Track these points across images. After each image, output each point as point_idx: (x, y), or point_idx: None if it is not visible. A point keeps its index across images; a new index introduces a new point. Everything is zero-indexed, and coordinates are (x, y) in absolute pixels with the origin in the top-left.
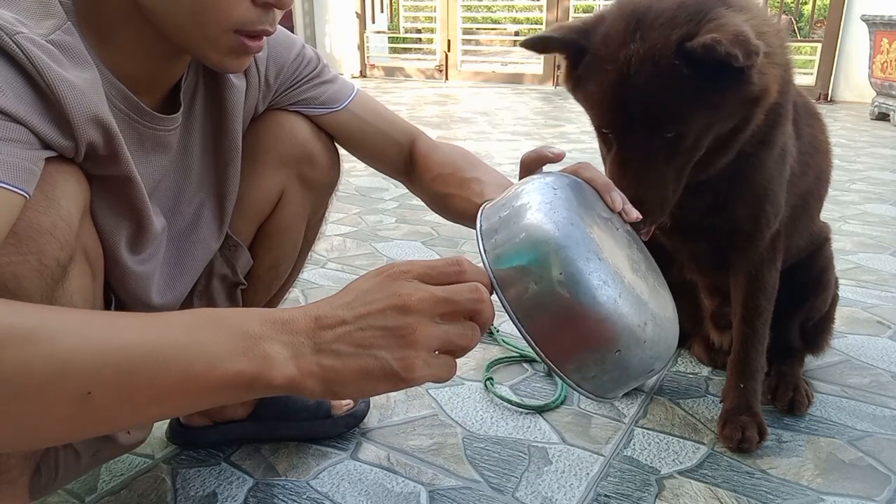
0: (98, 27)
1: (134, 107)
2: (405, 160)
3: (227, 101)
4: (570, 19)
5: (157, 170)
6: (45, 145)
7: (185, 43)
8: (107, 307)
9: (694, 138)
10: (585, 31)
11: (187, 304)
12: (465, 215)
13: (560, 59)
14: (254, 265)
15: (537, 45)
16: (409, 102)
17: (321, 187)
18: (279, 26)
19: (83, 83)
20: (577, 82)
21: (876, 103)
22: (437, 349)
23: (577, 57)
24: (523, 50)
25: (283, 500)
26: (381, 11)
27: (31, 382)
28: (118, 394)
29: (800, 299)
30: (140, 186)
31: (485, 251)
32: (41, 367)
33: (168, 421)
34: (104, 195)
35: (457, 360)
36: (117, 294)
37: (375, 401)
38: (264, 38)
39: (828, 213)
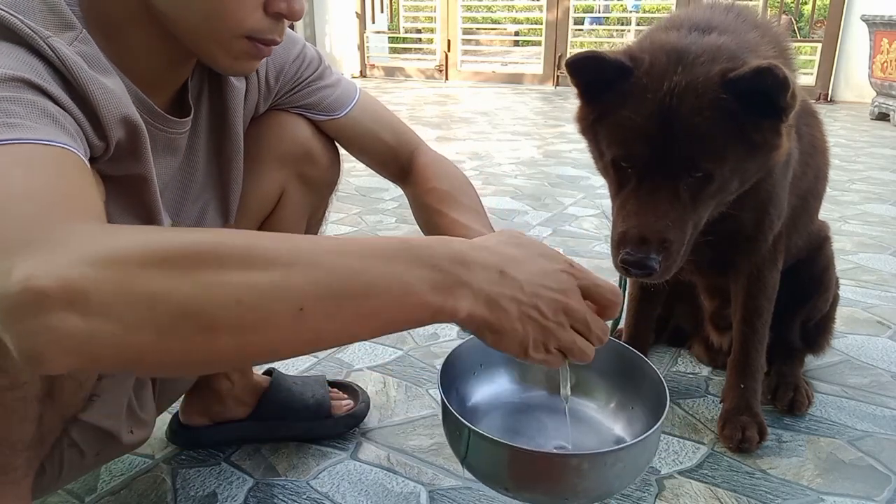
0: (106, 31)
1: (148, 109)
2: (402, 167)
3: (229, 103)
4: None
5: (166, 172)
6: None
7: (196, 47)
8: None
9: (720, 182)
10: (630, 57)
11: None
12: (446, 234)
13: (561, 55)
14: None
15: (583, 62)
16: (409, 102)
17: (321, 186)
18: None
19: (111, 84)
20: (599, 117)
21: (876, 103)
22: (559, 348)
23: (595, 94)
24: (523, 50)
25: (283, 500)
26: (381, 11)
27: (254, 298)
28: (325, 311)
29: (801, 299)
30: (155, 186)
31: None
32: (262, 283)
33: (168, 421)
34: (117, 196)
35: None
36: None
37: (375, 401)
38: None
39: (828, 213)
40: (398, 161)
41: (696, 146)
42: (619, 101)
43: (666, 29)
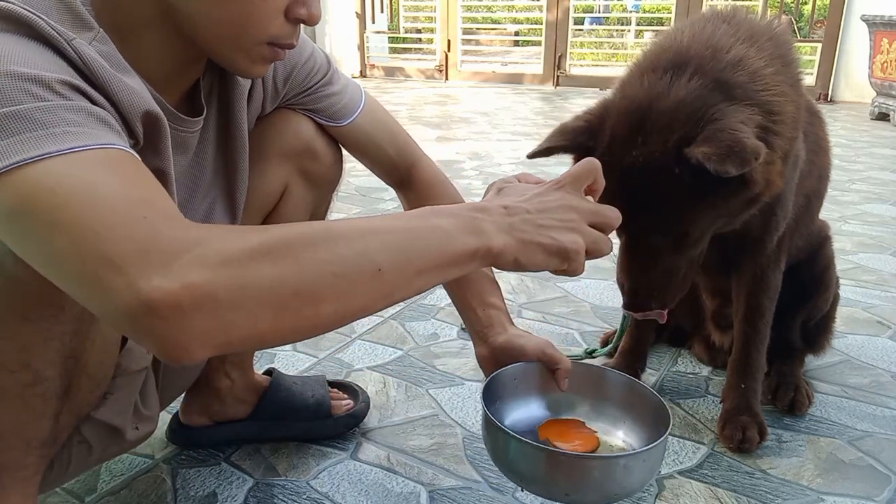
0: (120, 32)
1: (162, 108)
2: (402, 177)
3: (235, 101)
4: (568, 120)
5: (177, 170)
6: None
7: (216, 52)
8: None
9: (699, 234)
10: (590, 131)
11: None
12: None
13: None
14: None
15: (544, 153)
16: (409, 102)
17: (324, 183)
18: None
19: (132, 83)
20: None
21: (876, 103)
22: (588, 245)
23: (585, 155)
24: (523, 50)
25: (283, 500)
26: (381, 11)
27: (346, 267)
28: (397, 268)
29: (802, 299)
30: (172, 180)
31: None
32: (347, 254)
33: (168, 421)
34: None
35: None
36: None
37: (375, 401)
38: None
39: (828, 213)
40: (398, 171)
41: (661, 218)
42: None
43: (642, 72)
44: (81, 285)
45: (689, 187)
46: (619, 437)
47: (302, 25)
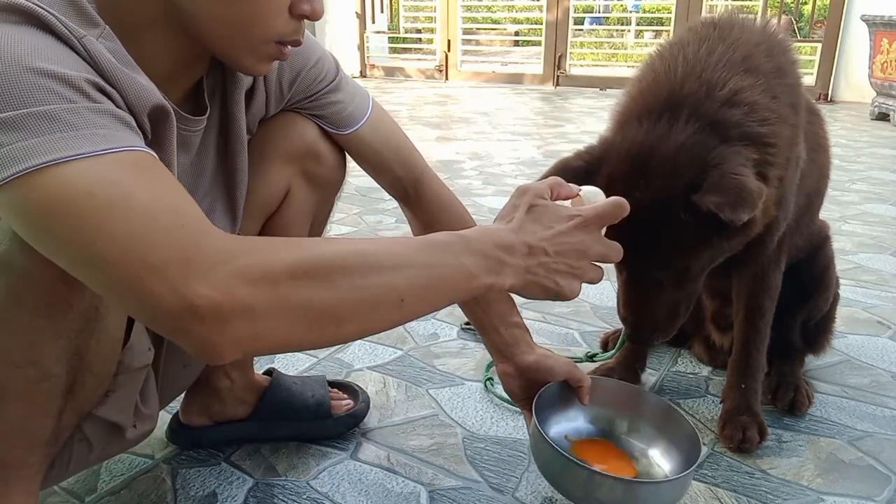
0: (122, 28)
1: None
2: (405, 192)
3: (234, 100)
4: (564, 157)
5: (178, 169)
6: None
7: (222, 50)
8: None
9: (701, 268)
10: (589, 172)
11: None
12: None
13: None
14: None
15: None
16: (409, 102)
17: (326, 186)
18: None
19: (139, 76)
20: None
21: (876, 103)
22: (583, 280)
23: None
24: (523, 50)
25: (283, 500)
26: (381, 11)
27: (371, 297)
28: (418, 300)
29: (802, 298)
30: (175, 176)
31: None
32: (377, 285)
33: (168, 421)
34: None
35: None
36: None
37: (375, 401)
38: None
39: (828, 213)
40: (401, 185)
41: (662, 254)
42: None
43: (639, 115)
44: (121, 289)
45: (692, 228)
46: (651, 457)
47: (305, 26)
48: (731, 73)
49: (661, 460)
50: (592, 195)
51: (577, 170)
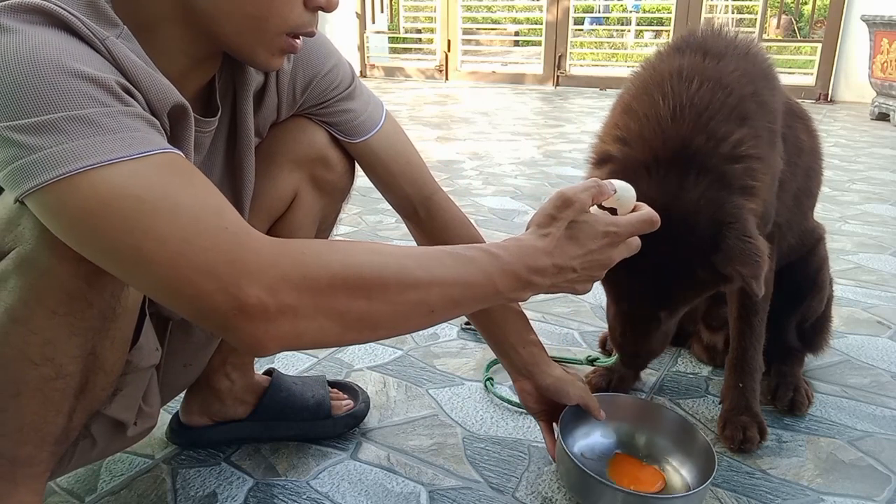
0: (137, 27)
1: None
2: (413, 210)
3: (243, 102)
4: None
5: None
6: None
7: (236, 45)
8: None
9: (694, 297)
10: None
11: None
12: None
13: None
14: None
15: None
16: (409, 102)
17: (334, 191)
18: (321, 33)
19: (160, 76)
20: None
21: (876, 103)
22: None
23: None
24: (523, 50)
25: (283, 500)
26: (381, 11)
27: (405, 310)
28: (446, 311)
29: (796, 300)
30: None
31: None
32: (412, 300)
33: (168, 421)
34: None
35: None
36: None
37: (375, 401)
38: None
39: (828, 213)
40: (409, 203)
41: (670, 300)
42: None
43: (647, 167)
44: (171, 289)
45: (706, 281)
46: (667, 469)
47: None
48: (730, 125)
49: (681, 471)
50: (625, 193)
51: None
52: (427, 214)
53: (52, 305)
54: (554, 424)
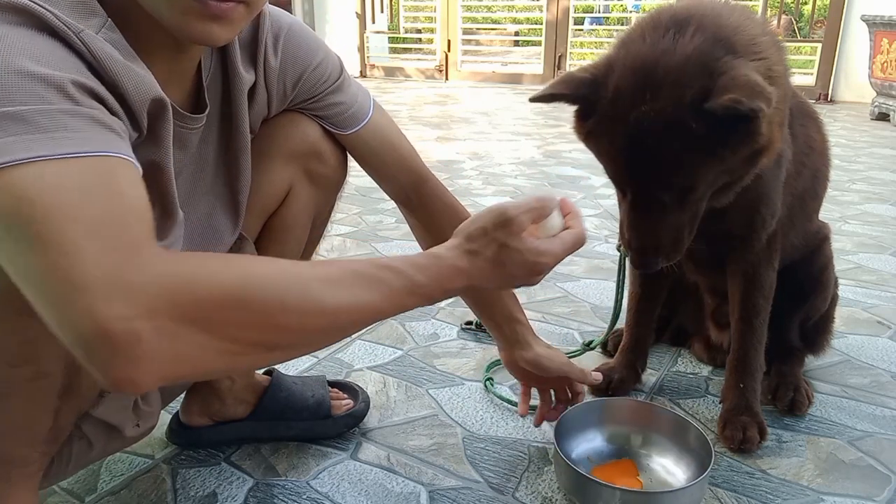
0: (121, 16)
1: None
2: (406, 195)
3: (236, 99)
4: (569, 71)
5: (176, 167)
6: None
7: (157, 17)
8: None
9: (704, 189)
10: (594, 84)
11: None
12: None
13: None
14: None
15: (546, 99)
16: (409, 102)
17: (328, 185)
18: (306, 27)
19: (139, 68)
20: (589, 134)
21: (876, 103)
22: None
23: (587, 107)
24: (523, 50)
25: (283, 500)
26: (381, 11)
27: (307, 332)
28: (346, 332)
29: (799, 299)
30: (170, 173)
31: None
32: (316, 326)
33: (168, 421)
34: None
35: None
36: None
37: (375, 401)
38: (236, 4)
39: (828, 213)
40: (401, 189)
41: (670, 171)
42: (598, 124)
43: (643, 31)
44: (45, 303)
45: (701, 139)
46: (663, 465)
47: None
48: (734, 12)
49: (675, 470)
50: (553, 222)
51: (582, 82)
52: (419, 201)
53: (18, 305)
54: (551, 426)
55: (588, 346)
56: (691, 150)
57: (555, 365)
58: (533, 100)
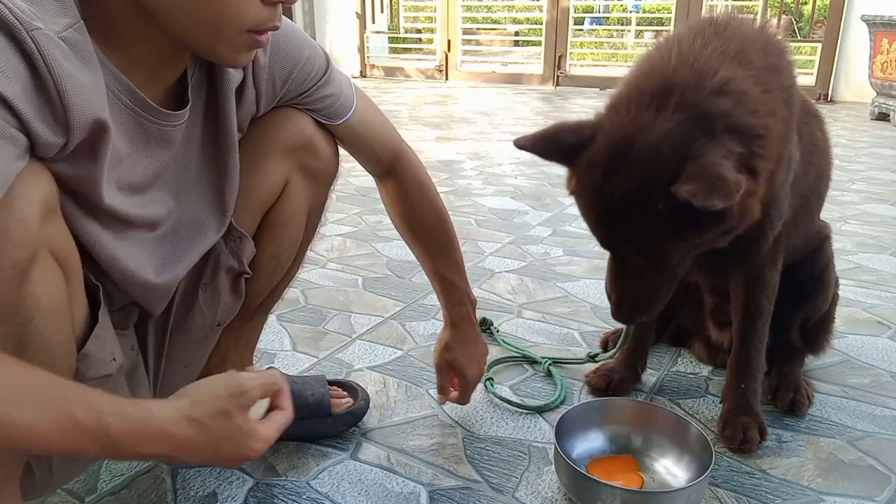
0: (104, 25)
1: (140, 102)
2: (383, 169)
3: (223, 96)
4: (568, 125)
5: (159, 163)
6: (32, 141)
7: (199, 46)
8: (93, 294)
9: (678, 259)
10: (577, 147)
11: (192, 295)
12: (417, 253)
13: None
14: (257, 254)
15: (529, 151)
16: (409, 102)
17: (322, 177)
18: (291, 23)
19: (89, 82)
20: (573, 193)
21: (876, 103)
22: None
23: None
24: (523, 50)
25: (283, 500)
26: (381, 11)
27: None
28: (13, 444)
29: (800, 299)
30: (100, 187)
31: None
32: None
33: None
34: (65, 190)
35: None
36: (112, 275)
37: (375, 401)
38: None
39: (828, 213)
40: (381, 165)
41: (639, 244)
42: (578, 186)
43: (629, 98)
44: None
45: (669, 220)
46: (663, 466)
47: (302, 25)
48: (723, 63)
49: (676, 470)
50: (262, 404)
51: (563, 145)
52: (395, 177)
53: None
54: (550, 426)
55: (592, 359)
56: (659, 229)
57: (457, 366)
58: (517, 145)
